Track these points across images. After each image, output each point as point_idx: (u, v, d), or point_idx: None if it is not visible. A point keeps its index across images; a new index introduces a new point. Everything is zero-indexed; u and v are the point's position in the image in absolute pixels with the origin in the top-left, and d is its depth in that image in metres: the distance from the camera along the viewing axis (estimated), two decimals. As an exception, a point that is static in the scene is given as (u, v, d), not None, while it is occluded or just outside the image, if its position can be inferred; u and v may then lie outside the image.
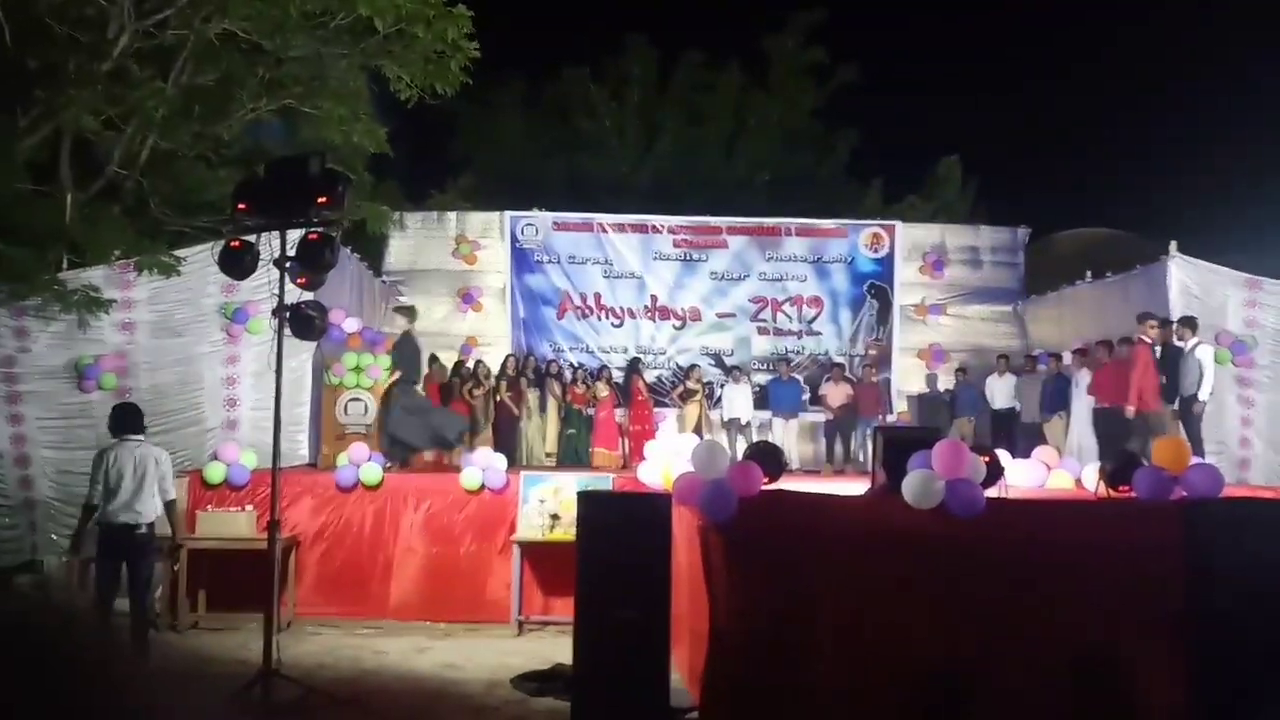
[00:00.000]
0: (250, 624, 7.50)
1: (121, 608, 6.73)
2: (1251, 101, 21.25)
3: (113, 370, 9.69)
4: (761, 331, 14.94)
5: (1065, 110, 23.36)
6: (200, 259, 9.58)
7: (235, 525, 8.43)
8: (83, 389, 9.61)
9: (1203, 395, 9.84)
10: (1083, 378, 11.29)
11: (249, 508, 8.63)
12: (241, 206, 6.42)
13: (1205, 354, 9.92)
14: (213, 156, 11.10)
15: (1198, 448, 9.39)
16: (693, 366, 13.98)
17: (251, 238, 6.63)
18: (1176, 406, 10.03)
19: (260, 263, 6.50)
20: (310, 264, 6.37)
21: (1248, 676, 5.34)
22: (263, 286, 9.14)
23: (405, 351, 10.32)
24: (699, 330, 14.93)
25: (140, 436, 6.92)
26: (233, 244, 6.52)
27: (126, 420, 6.94)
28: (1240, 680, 5.34)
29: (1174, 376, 10.13)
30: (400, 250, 14.91)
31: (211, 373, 10.03)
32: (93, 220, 9.87)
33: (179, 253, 9.74)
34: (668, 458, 8.20)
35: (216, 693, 6.19)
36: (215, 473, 8.78)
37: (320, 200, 6.17)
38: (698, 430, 12.59)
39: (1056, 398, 12.11)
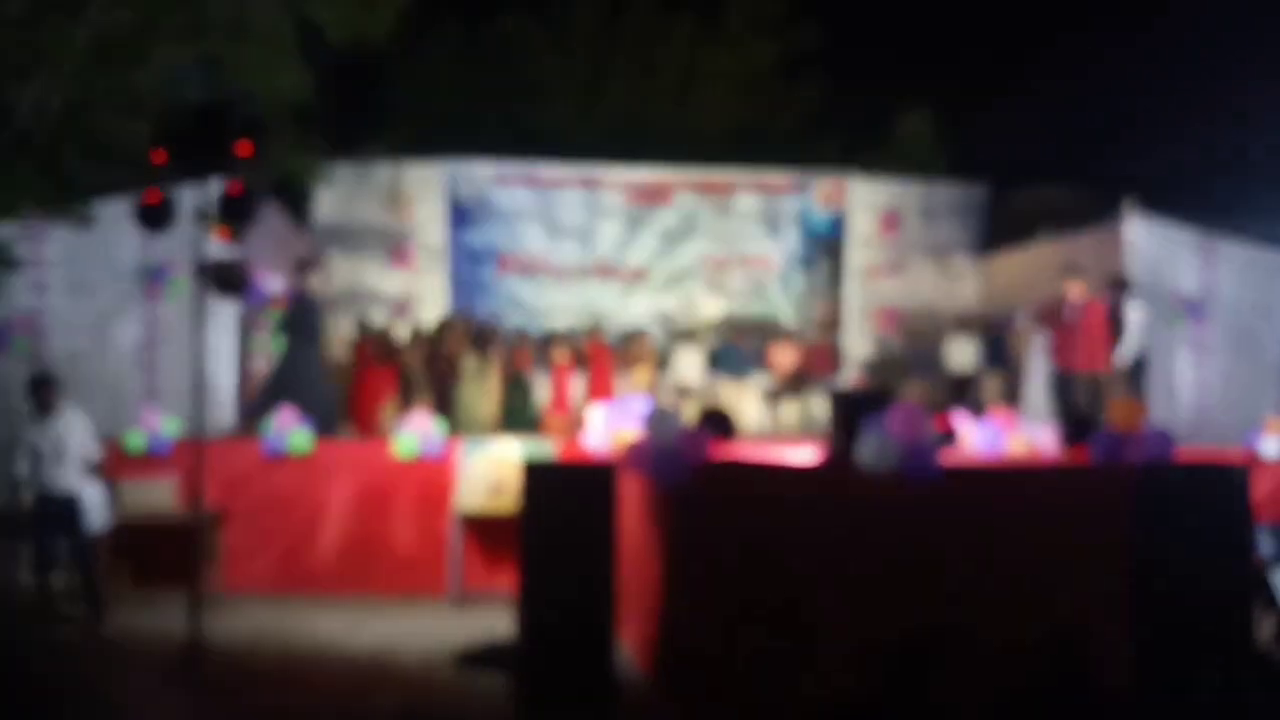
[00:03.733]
0: (175, 600, 7.41)
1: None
2: (1214, 66, 21.60)
3: (24, 334, 9.46)
4: (710, 293, 14.97)
5: (1026, 69, 23.53)
6: (115, 214, 9.35)
7: (157, 496, 8.30)
8: (-10, 353, 9.40)
9: (1124, 354, 10.08)
10: (1039, 338, 11.54)
11: (172, 477, 8.50)
12: (158, 157, 6.27)
13: (1134, 313, 10.14)
14: (129, 106, 10.77)
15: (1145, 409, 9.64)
16: (640, 329, 14.00)
17: (169, 190, 6.49)
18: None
19: (179, 217, 6.38)
20: (232, 217, 6.28)
21: (1199, 643, 5.52)
22: (183, 244, 8.99)
23: (300, 311, 10.10)
24: (647, 291, 14.91)
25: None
26: (149, 196, 6.38)
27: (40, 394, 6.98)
28: (1187, 646, 5.52)
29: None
30: (329, 204, 14.60)
31: (130, 336, 9.83)
32: (1, 173, 9.55)
33: (93, 206, 9.48)
34: (614, 423, 8.22)
35: (142, 670, 6.17)
36: (135, 441, 8.63)
37: (241, 149, 6.05)
38: (646, 393, 12.62)
39: (993, 355, 12.48)
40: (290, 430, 8.84)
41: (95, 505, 7.05)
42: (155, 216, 6.40)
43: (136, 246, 9.71)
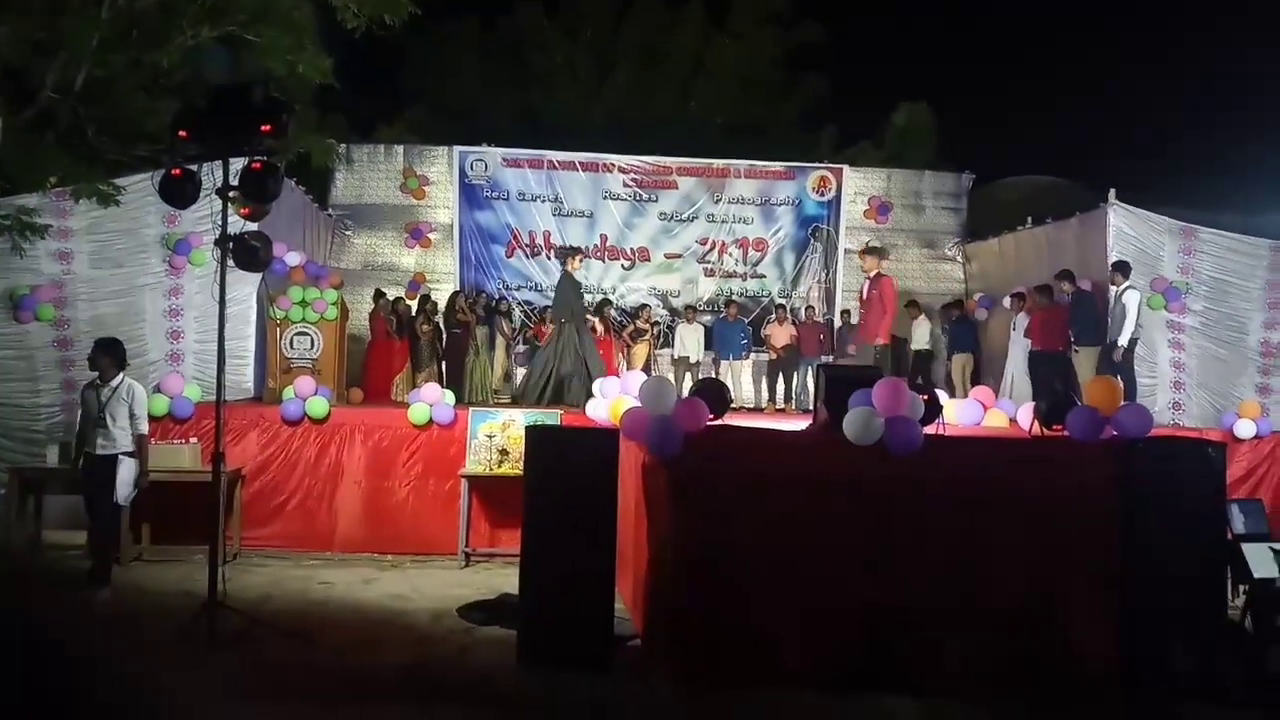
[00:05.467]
0: (195, 557, 7.42)
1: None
2: (1190, 59, 21.50)
3: (50, 301, 9.44)
4: (708, 273, 14.97)
5: (1014, 63, 23.45)
6: (140, 189, 9.32)
7: (179, 458, 8.29)
8: (19, 319, 9.36)
9: (1122, 340, 10.05)
10: (1020, 321, 11.53)
11: (193, 440, 8.50)
12: (182, 134, 6.20)
13: (1130, 299, 10.11)
14: (152, 85, 10.71)
15: (1128, 390, 9.62)
16: (643, 306, 14.05)
17: (193, 167, 6.43)
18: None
19: (202, 193, 6.33)
20: (253, 194, 6.23)
21: (1175, 615, 5.51)
22: (205, 217, 8.89)
23: (564, 291, 10.33)
24: (647, 271, 14.89)
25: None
26: (174, 172, 6.32)
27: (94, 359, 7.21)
28: (1171, 621, 5.51)
29: (1100, 321, 10.40)
30: (346, 184, 14.63)
31: (154, 305, 9.83)
32: (26, 147, 9.50)
33: (118, 181, 9.42)
34: (616, 394, 8.20)
35: (161, 625, 6.16)
36: (159, 405, 8.61)
37: (263, 129, 5.98)
38: (646, 369, 12.63)
39: (961, 339, 12.55)
40: (307, 397, 8.84)
41: (125, 478, 7.00)
42: (178, 192, 6.33)
43: (160, 219, 9.68)
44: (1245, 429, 9.47)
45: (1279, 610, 5.60)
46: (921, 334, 13.22)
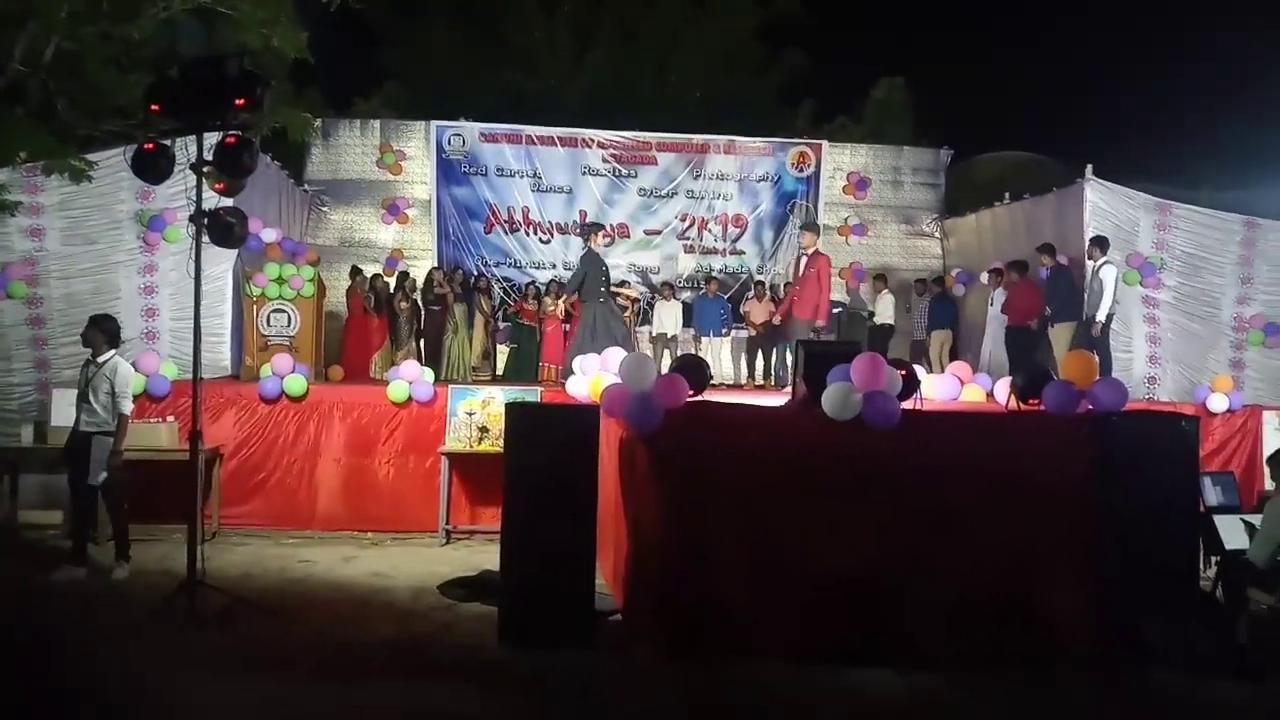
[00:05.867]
0: (174, 535, 7.38)
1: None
2: (1166, 38, 21.54)
3: (22, 278, 9.32)
4: (687, 250, 14.95)
5: (991, 39, 23.46)
6: (113, 164, 9.17)
7: (156, 437, 8.22)
8: (-9, 297, 9.26)
9: (1099, 315, 10.12)
10: (998, 296, 11.59)
11: (170, 419, 8.44)
12: (155, 108, 6.11)
13: (1108, 274, 10.17)
14: (124, 59, 10.51)
15: (1104, 365, 9.70)
16: (623, 282, 13.98)
17: (166, 141, 6.34)
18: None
19: (176, 168, 6.24)
20: (228, 169, 6.14)
21: (1150, 586, 5.58)
22: (179, 193, 8.76)
23: (589, 269, 10.17)
24: (627, 247, 14.85)
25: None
26: (146, 147, 6.23)
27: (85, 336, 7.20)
28: (1144, 592, 5.58)
29: (1077, 296, 10.47)
30: (322, 159, 14.46)
31: (128, 282, 9.71)
32: (-7, 120, 9.32)
33: (90, 156, 9.28)
34: (596, 371, 8.20)
35: (139, 604, 6.13)
36: (135, 384, 8.52)
37: (238, 102, 5.90)
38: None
39: (939, 316, 12.67)
40: (285, 375, 8.78)
41: (98, 458, 6.89)
42: (152, 167, 6.23)
43: (133, 195, 9.56)
44: (1218, 403, 9.59)
45: (1249, 581, 5.67)
46: (885, 307, 13.29)
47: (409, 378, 8.92)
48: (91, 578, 6.91)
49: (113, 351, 7.11)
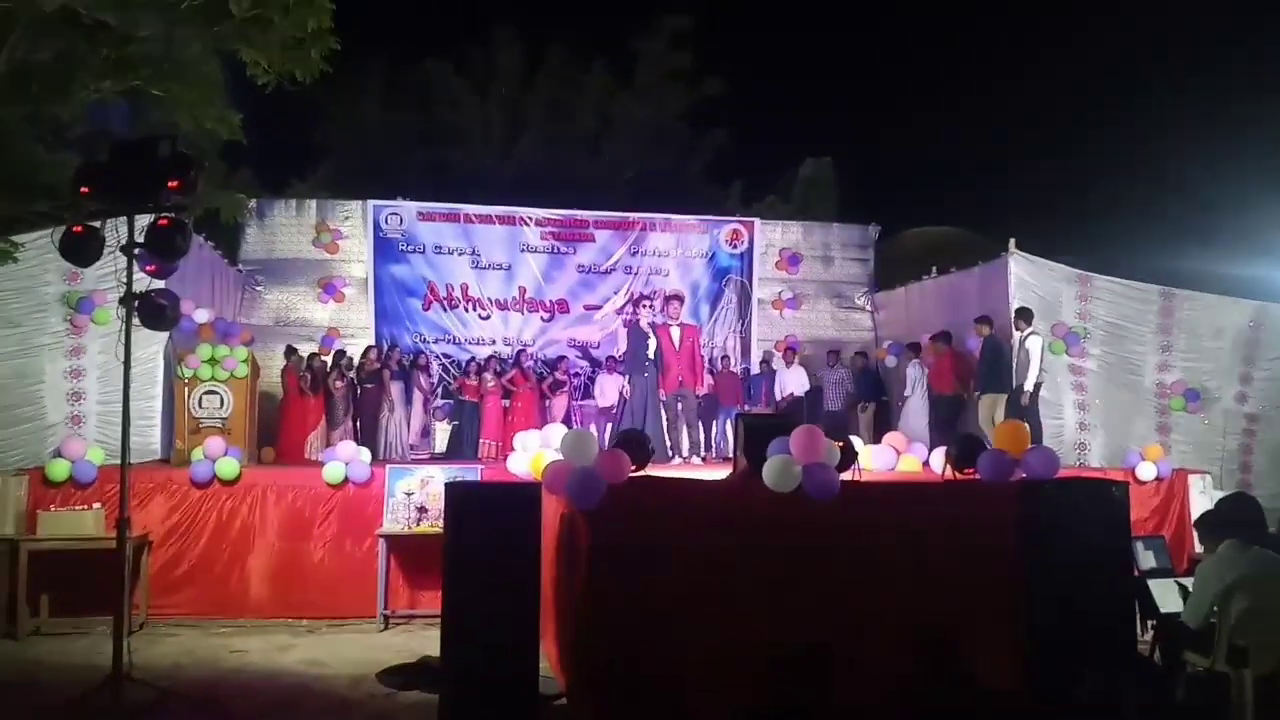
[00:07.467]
0: (99, 628, 7.09)
1: None
2: (1084, 114, 22.58)
3: (-57, 363, 9.02)
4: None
5: (915, 118, 24.37)
6: (40, 245, 8.95)
7: (81, 525, 7.93)
8: (-93, 383, 8.92)
9: (1027, 384, 10.36)
10: (913, 370, 11.88)
11: (96, 506, 8.14)
12: (84, 190, 6.03)
13: (1033, 344, 10.45)
14: (51, 138, 10.36)
15: (1035, 433, 9.88)
16: (560, 358, 13.99)
17: (96, 223, 6.23)
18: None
19: (106, 249, 6.13)
20: (160, 251, 6.05)
21: (1079, 645, 5.64)
22: (109, 274, 8.65)
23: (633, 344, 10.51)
24: (567, 322, 14.87)
25: None
26: (75, 229, 6.12)
27: None
28: (1071, 651, 5.64)
29: (1006, 365, 10.72)
30: (257, 239, 14.30)
31: (53, 365, 9.41)
32: (-87, 202, 9.09)
33: (16, 238, 9.07)
34: (537, 448, 8.14)
35: (61, 700, 5.84)
36: (59, 470, 8.25)
37: (171, 184, 5.85)
38: (567, 420, 12.56)
39: (865, 388, 12.93)
40: (217, 458, 8.57)
41: None
42: (81, 250, 6.13)
43: (60, 277, 9.34)
44: (1147, 471, 9.78)
45: (1185, 644, 5.75)
46: (798, 379, 13.43)
47: (345, 458, 8.76)
48: (7, 672, 6.58)
49: None
